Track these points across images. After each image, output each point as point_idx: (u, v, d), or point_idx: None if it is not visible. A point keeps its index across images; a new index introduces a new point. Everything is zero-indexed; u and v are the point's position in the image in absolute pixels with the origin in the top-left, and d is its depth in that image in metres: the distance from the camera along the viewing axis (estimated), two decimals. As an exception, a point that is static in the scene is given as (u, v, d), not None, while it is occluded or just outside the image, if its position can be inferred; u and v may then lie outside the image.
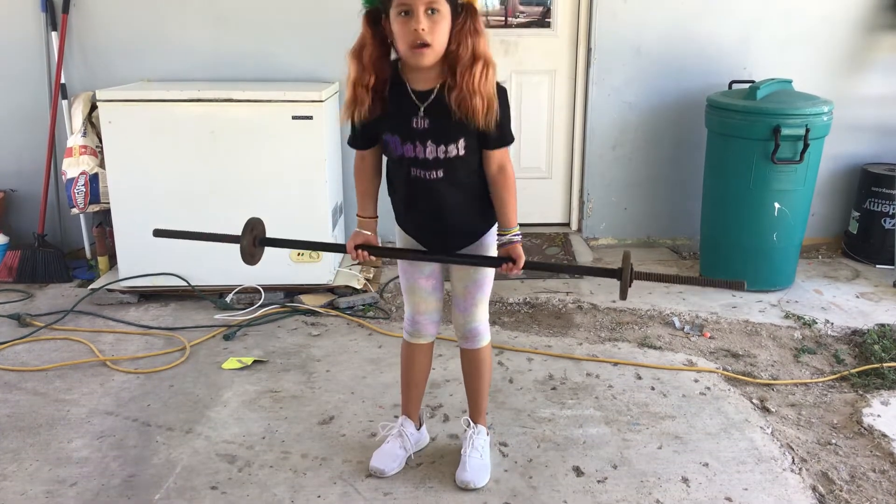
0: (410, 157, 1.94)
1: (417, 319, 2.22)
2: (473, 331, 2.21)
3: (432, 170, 1.94)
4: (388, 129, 1.94)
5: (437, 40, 1.80)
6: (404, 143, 1.93)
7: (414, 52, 1.80)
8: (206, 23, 3.86)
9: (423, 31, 1.77)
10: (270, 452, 2.37)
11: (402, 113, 1.91)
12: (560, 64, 4.24)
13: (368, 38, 1.86)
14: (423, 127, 1.90)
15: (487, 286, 2.18)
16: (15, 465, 2.31)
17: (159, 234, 2.16)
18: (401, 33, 1.80)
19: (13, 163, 3.95)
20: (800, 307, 3.49)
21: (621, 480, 2.24)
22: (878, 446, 2.41)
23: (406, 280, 2.19)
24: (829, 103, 3.48)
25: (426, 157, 1.93)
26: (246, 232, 2.03)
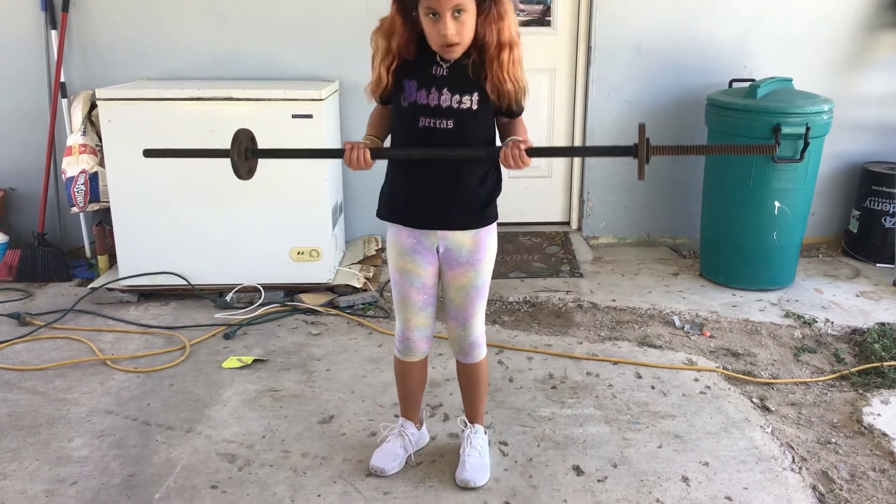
0: (423, 103, 1.95)
1: (408, 336, 2.17)
2: (472, 345, 2.18)
3: (443, 118, 1.95)
4: (407, 74, 1.97)
5: (464, 38, 1.88)
6: (419, 89, 1.95)
7: (443, 50, 1.89)
8: (206, 22, 3.85)
9: (453, 36, 1.85)
10: (270, 451, 2.37)
11: (424, 62, 1.96)
12: (560, 62, 4.23)
13: (399, 25, 1.91)
14: (441, 74, 1.95)
15: (486, 291, 2.14)
16: (15, 464, 2.31)
17: (149, 154, 2.09)
18: (430, 32, 1.88)
19: (13, 161, 3.95)
20: (800, 306, 3.49)
21: (621, 479, 2.24)
22: (878, 445, 2.41)
23: (397, 293, 2.14)
24: (830, 102, 3.48)
25: (439, 104, 1.95)
26: (234, 143, 1.92)
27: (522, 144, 1.91)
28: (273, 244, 3.48)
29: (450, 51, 1.89)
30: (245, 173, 1.96)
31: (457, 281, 2.10)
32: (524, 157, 1.90)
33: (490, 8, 1.88)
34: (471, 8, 1.85)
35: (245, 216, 3.44)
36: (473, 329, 2.16)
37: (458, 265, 2.08)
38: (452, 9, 1.83)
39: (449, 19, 1.83)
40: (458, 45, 1.88)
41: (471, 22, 1.87)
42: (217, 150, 1.98)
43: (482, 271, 2.10)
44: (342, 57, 3.83)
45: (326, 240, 3.54)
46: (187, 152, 2.16)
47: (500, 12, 1.89)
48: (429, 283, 2.12)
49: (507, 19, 1.90)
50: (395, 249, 2.11)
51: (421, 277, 2.10)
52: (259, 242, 3.50)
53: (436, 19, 1.84)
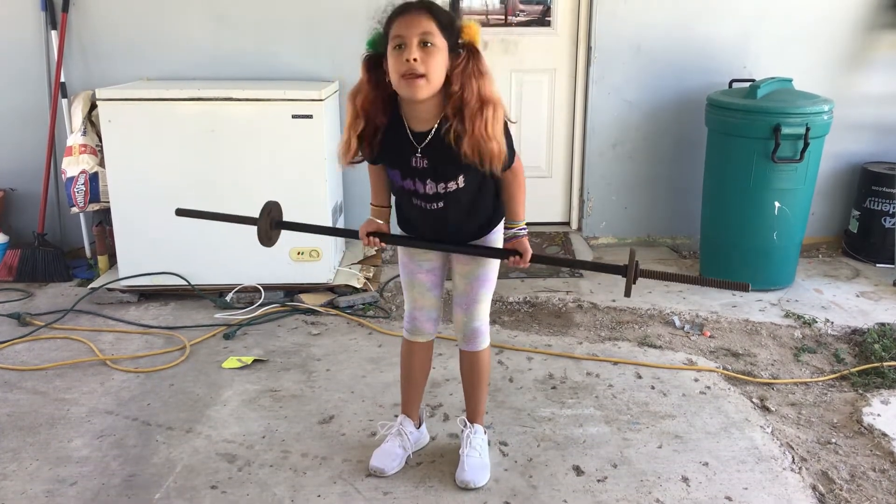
0: (411, 189, 1.98)
1: (415, 315, 2.22)
2: (475, 331, 2.20)
3: (433, 202, 1.99)
4: (388, 163, 1.99)
5: (430, 72, 1.76)
6: (404, 178, 1.97)
7: (406, 81, 1.77)
8: (207, 22, 3.85)
9: (415, 62, 1.74)
10: (270, 452, 2.37)
11: (400, 151, 1.93)
12: (560, 63, 4.23)
13: (364, 84, 1.87)
14: (421, 167, 1.93)
15: (491, 283, 2.17)
16: (15, 464, 2.31)
17: (181, 214, 2.19)
18: (394, 66, 1.78)
19: (13, 162, 3.95)
20: (800, 306, 3.49)
21: (621, 479, 2.24)
22: (878, 445, 2.41)
23: (406, 274, 2.19)
24: (830, 102, 3.48)
25: (426, 192, 1.97)
26: (263, 214, 2.07)
27: (524, 260, 2.00)
28: (273, 244, 3.48)
29: (413, 84, 1.76)
30: (268, 242, 2.12)
31: (462, 268, 2.14)
32: (525, 266, 2.03)
33: (468, 62, 1.80)
34: (441, 45, 1.77)
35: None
36: (477, 315, 2.18)
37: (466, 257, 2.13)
38: (420, 36, 1.75)
39: (415, 46, 1.74)
40: (422, 76, 1.75)
41: (440, 60, 1.77)
42: (246, 218, 2.11)
43: (486, 264, 2.13)
44: (342, 57, 3.83)
45: (326, 240, 3.54)
46: (219, 216, 2.23)
47: (479, 69, 1.81)
48: (437, 265, 2.17)
49: (487, 78, 1.82)
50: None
51: (429, 260, 2.16)
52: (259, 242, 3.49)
53: (401, 51, 1.75)
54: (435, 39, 1.77)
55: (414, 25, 1.76)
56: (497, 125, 1.82)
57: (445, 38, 1.79)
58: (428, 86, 1.78)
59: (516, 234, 2.04)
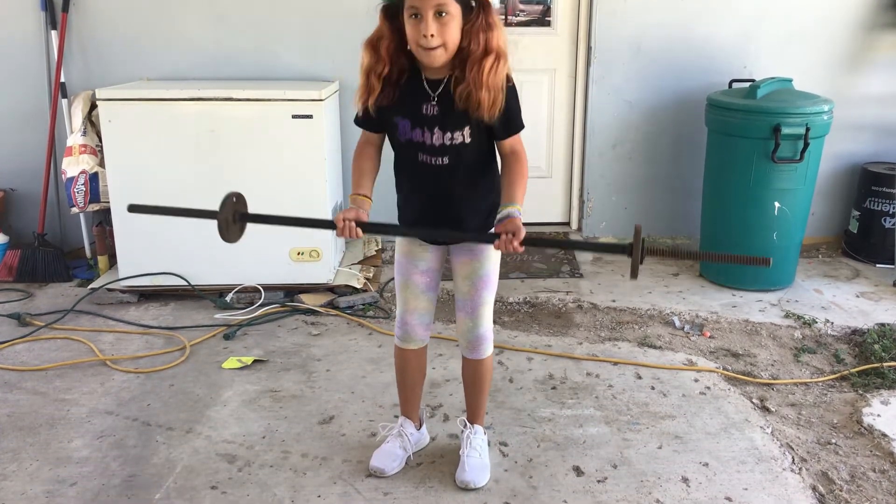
0: (418, 141, 1.97)
1: (407, 320, 2.19)
2: (480, 338, 2.18)
3: (438, 156, 1.97)
4: (399, 112, 1.97)
5: (447, 41, 1.82)
6: (413, 128, 1.96)
7: (423, 52, 1.83)
8: (207, 22, 3.85)
9: (432, 37, 1.80)
10: (270, 452, 2.37)
11: (414, 99, 1.94)
12: (560, 63, 4.24)
13: (386, 31, 1.89)
14: (432, 113, 1.93)
15: (494, 284, 2.15)
16: (15, 464, 2.31)
17: (134, 210, 2.03)
18: (411, 34, 1.84)
19: (13, 162, 3.95)
20: (800, 306, 3.49)
21: (621, 480, 2.24)
22: (878, 446, 2.41)
23: (400, 275, 2.17)
24: (830, 102, 3.48)
25: (433, 143, 1.96)
26: (225, 205, 1.89)
27: (517, 238, 1.81)
28: (273, 244, 3.48)
29: (430, 54, 1.83)
30: (230, 236, 1.91)
31: (463, 269, 2.12)
32: (518, 249, 1.83)
33: (478, 17, 1.84)
34: (455, 13, 1.81)
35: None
36: (482, 320, 2.16)
37: (462, 252, 2.11)
38: (435, 8, 1.79)
39: (431, 19, 1.79)
40: (439, 47, 1.82)
41: (454, 27, 1.82)
42: (204, 212, 1.91)
43: (486, 261, 2.11)
44: (342, 57, 3.83)
45: (326, 240, 3.54)
46: (173, 211, 2.02)
47: (489, 22, 1.85)
48: (433, 266, 2.16)
49: (497, 30, 1.85)
50: (402, 246, 2.15)
51: (426, 261, 2.14)
52: (259, 243, 3.49)
53: (417, 21, 1.81)
54: (449, 8, 1.81)
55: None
56: (493, 75, 1.84)
57: (459, 2, 1.82)
58: (445, 54, 1.85)
59: (510, 214, 1.88)
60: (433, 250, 2.14)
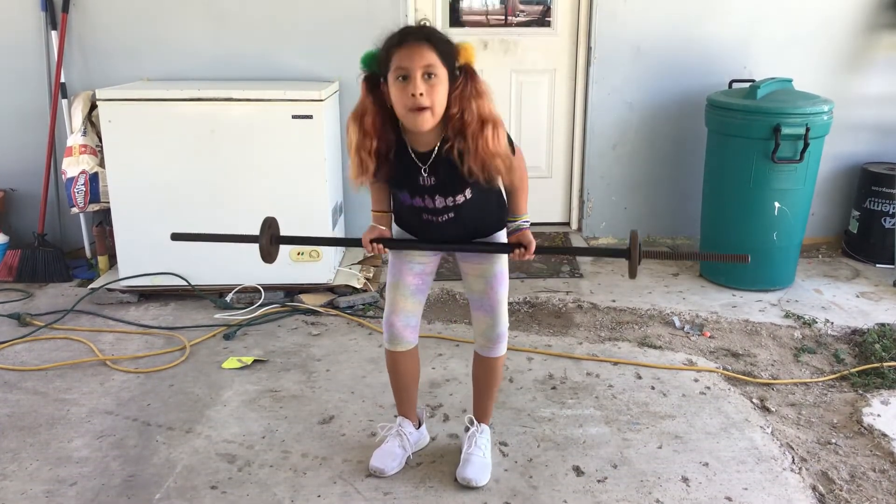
0: (420, 206, 2.00)
1: (392, 321, 2.17)
2: (500, 336, 2.18)
3: (443, 214, 2.01)
4: (395, 185, 2.00)
5: (435, 104, 1.80)
6: (413, 197, 1.99)
7: (412, 114, 1.80)
8: (206, 22, 3.85)
9: (421, 97, 1.77)
10: (270, 452, 2.37)
11: (407, 173, 1.94)
12: (560, 63, 4.24)
13: (369, 105, 1.86)
14: (429, 184, 1.95)
15: (507, 280, 2.16)
16: (15, 464, 2.31)
17: (177, 238, 2.13)
18: (398, 98, 1.80)
19: (13, 162, 3.95)
20: (800, 307, 3.49)
21: (621, 480, 2.24)
22: (878, 446, 2.41)
23: (393, 275, 2.16)
24: (830, 102, 3.48)
25: (435, 207, 1.99)
26: (263, 231, 2.05)
27: (528, 252, 1.99)
28: (273, 245, 3.48)
29: (419, 116, 1.79)
30: (270, 258, 2.08)
31: (474, 270, 2.13)
32: (530, 258, 2.02)
33: (466, 84, 1.82)
34: (442, 76, 1.79)
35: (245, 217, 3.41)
36: (501, 318, 2.16)
37: (471, 256, 2.12)
38: (423, 69, 1.76)
39: (420, 80, 1.76)
40: (427, 109, 1.79)
41: (442, 91, 1.80)
42: (246, 237, 2.10)
43: (498, 259, 2.13)
44: (342, 57, 3.83)
45: (326, 240, 3.54)
46: (217, 237, 2.20)
47: (477, 90, 1.83)
48: (427, 270, 2.16)
49: (486, 98, 1.84)
50: (399, 235, 2.16)
51: (421, 263, 2.14)
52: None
53: (405, 83, 1.77)
54: (437, 70, 1.78)
55: (417, 57, 1.77)
56: (500, 141, 1.86)
57: (445, 66, 1.81)
58: (433, 117, 1.82)
59: (520, 227, 2.05)
60: (431, 254, 2.15)
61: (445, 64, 1.80)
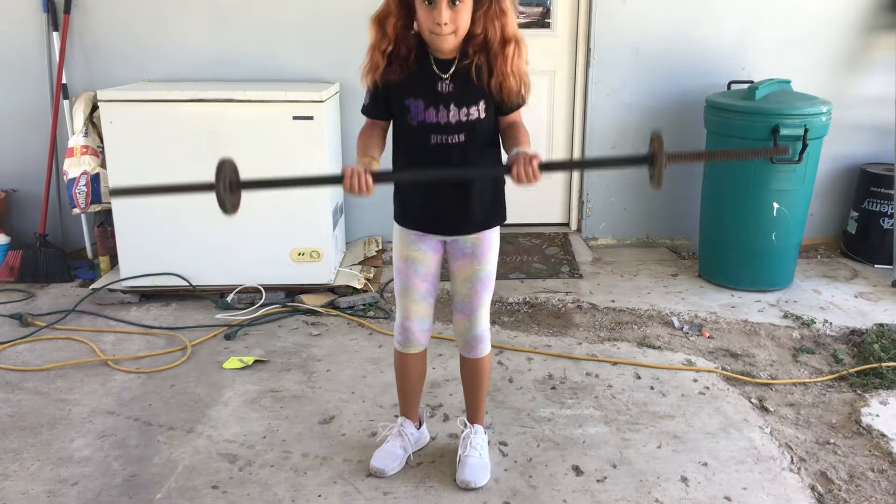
0: (432, 122, 1.97)
1: (407, 326, 2.18)
2: (478, 338, 2.19)
3: (454, 134, 1.98)
4: (412, 94, 1.96)
5: (459, 27, 1.85)
6: (427, 108, 1.96)
7: (435, 38, 1.86)
8: (207, 23, 3.86)
9: (446, 25, 1.82)
10: (271, 452, 2.38)
11: (427, 78, 1.95)
12: (560, 64, 4.25)
13: (394, 8, 1.89)
14: (448, 91, 1.95)
15: (492, 284, 2.16)
16: (16, 464, 2.32)
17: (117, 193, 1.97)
18: (423, 20, 1.86)
19: (14, 163, 3.96)
20: (798, 307, 3.50)
21: (620, 480, 2.25)
22: (876, 446, 2.42)
23: (400, 280, 2.16)
24: (828, 103, 3.49)
25: (448, 121, 1.96)
26: (219, 176, 1.75)
27: (535, 160, 1.79)
28: (274, 245, 3.49)
29: (442, 40, 1.86)
30: (231, 208, 1.80)
31: (462, 272, 2.13)
32: (537, 173, 1.80)
33: (490, 4, 1.87)
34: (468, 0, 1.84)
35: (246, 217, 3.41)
36: (479, 321, 2.17)
37: (462, 256, 2.12)
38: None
39: (445, 6, 1.81)
40: (451, 34, 1.85)
41: (466, 12, 1.85)
42: (199, 185, 1.80)
43: (486, 264, 2.13)
44: (343, 58, 3.84)
45: (327, 241, 3.55)
46: (161, 189, 1.89)
47: (502, 8, 1.88)
48: (432, 271, 2.16)
49: (509, 16, 1.90)
50: (400, 239, 2.15)
51: (425, 265, 2.13)
52: (260, 243, 3.51)
53: (431, 7, 1.82)
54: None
55: None
56: (518, 61, 1.92)
57: None
58: (456, 39, 1.88)
59: (519, 150, 1.91)
60: (431, 253, 2.13)
61: None
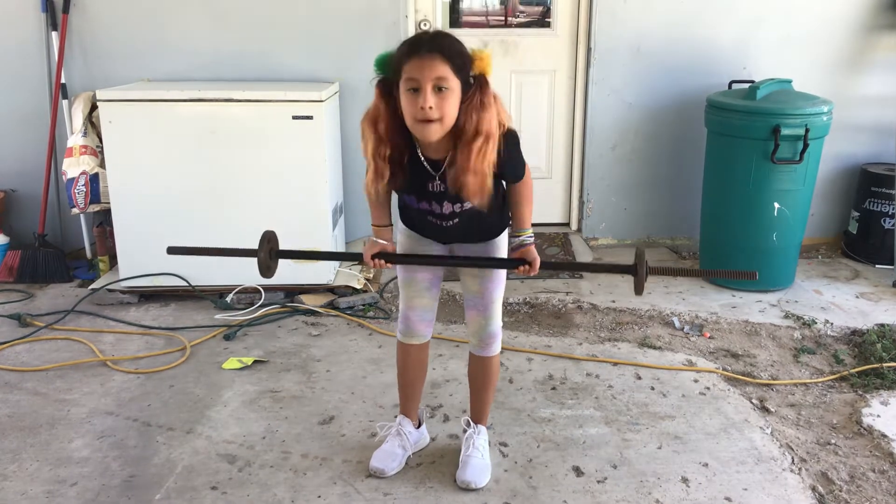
0: (427, 209, 2.00)
1: (409, 315, 2.21)
2: (492, 336, 2.19)
3: (448, 220, 2.01)
4: (405, 191, 1.99)
5: (445, 116, 1.77)
6: (420, 202, 1.99)
7: (420, 125, 1.77)
8: (207, 23, 3.86)
9: (430, 110, 1.74)
10: (270, 452, 2.37)
11: (418, 178, 1.93)
12: (560, 64, 4.24)
13: (382, 110, 1.83)
14: (439, 190, 1.94)
15: (503, 281, 2.17)
16: (15, 465, 2.31)
17: (173, 252, 2.09)
18: (408, 108, 1.77)
19: (13, 163, 3.95)
20: (799, 307, 3.49)
21: (621, 480, 2.24)
22: (877, 446, 2.41)
23: (403, 272, 2.18)
24: (829, 103, 3.49)
25: (442, 212, 1.99)
26: (262, 244, 2.01)
27: (533, 270, 1.99)
28: (273, 245, 3.48)
29: (427, 128, 1.76)
30: (269, 272, 2.05)
31: (471, 269, 2.14)
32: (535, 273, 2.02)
33: (474, 95, 1.79)
34: (455, 87, 1.76)
35: (246, 217, 3.44)
36: (493, 318, 2.17)
37: (469, 252, 2.13)
38: (434, 81, 1.73)
39: (430, 92, 1.73)
40: (436, 121, 1.75)
41: (454, 102, 1.76)
42: (245, 251, 2.06)
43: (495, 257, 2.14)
44: (343, 58, 3.84)
45: (327, 241, 3.54)
46: (214, 251, 2.23)
47: (483, 102, 1.79)
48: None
49: (490, 111, 1.79)
50: (406, 236, 2.16)
51: None
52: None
53: (415, 94, 1.74)
54: (449, 83, 1.75)
55: (428, 69, 1.73)
56: (480, 160, 1.79)
57: (459, 78, 1.77)
58: (441, 129, 1.79)
59: (523, 243, 2.03)
60: (436, 246, 2.15)
61: (459, 75, 1.76)
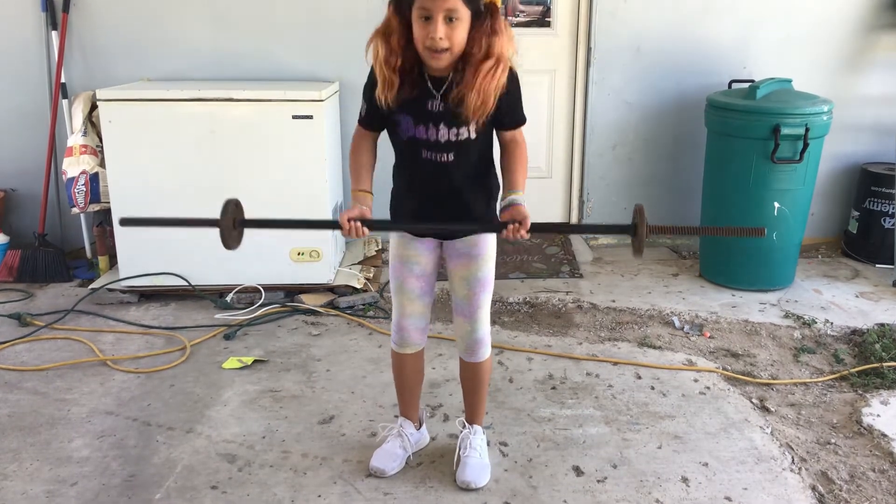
0: (422, 138, 1.95)
1: (402, 324, 2.18)
2: (479, 341, 2.18)
3: (444, 152, 1.96)
4: (402, 110, 1.95)
5: (454, 45, 1.82)
6: (417, 125, 1.95)
7: (429, 53, 1.83)
8: (207, 22, 3.86)
9: (441, 40, 1.79)
10: (271, 452, 2.37)
11: (418, 95, 1.93)
12: (560, 63, 4.24)
13: (395, 25, 1.87)
14: (437, 110, 1.93)
15: (491, 285, 2.15)
16: (15, 464, 2.31)
17: (126, 224, 2.00)
18: (419, 35, 1.83)
19: (13, 162, 3.95)
20: (799, 307, 3.49)
21: (621, 480, 2.24)
22: (877, 446, 2.41)
23: (395, 279, 2.15)
24: (829, 103, 3.49)
25: (438, 140, 1.95)
26: (225, 213, 1.91)
27: (523, 229, 1.85)
28: (273, 245, 3.48)
29: (436, 56, 1.82)
30: (233, 243, 1.93)
31: (459, 272, 2.12)
32: (524, 235, 1.87)
33: (484, 21, 1.83)
34: (465, 17, 1.81)
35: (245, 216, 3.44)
36: (480, 324, 2.15)
37: (458, 256, 2.11)
38: (445, 12, 1.78)
39: (440, 22, 1.78)
40: (446, 51, 1.81)
41: (463, 31, 1.82)
42: (205, 220, 1.93)
43: (483, 263, 2.10)
44: (342, 57, 3.84)
45: (326, 240, 3.54)
46: (169, 221, 2.06)
47: (494, 27, 1.84)
48: (428, 270, 2.14)
49: (500, 36, 1.84)
50: (396, 238, 2.14)
51: (420, 265, 2.12)
52: (259, 243, 3.49)
53: (427, 22, 1.80)
54: (460, 13, 1.80)
55: (440, 1, 1.78)
56: (488, 80, 1.83)
57: (470, 7, 1.82)
58: (451, 57, 1.84)
59: (514, 201, 1.93)
60: (427, 253, 2.12)
61: (469, 6, 1.81)
